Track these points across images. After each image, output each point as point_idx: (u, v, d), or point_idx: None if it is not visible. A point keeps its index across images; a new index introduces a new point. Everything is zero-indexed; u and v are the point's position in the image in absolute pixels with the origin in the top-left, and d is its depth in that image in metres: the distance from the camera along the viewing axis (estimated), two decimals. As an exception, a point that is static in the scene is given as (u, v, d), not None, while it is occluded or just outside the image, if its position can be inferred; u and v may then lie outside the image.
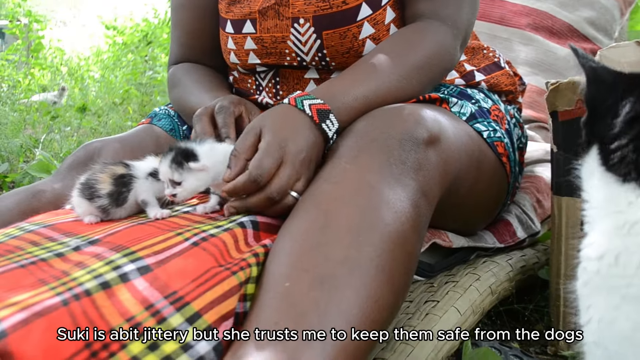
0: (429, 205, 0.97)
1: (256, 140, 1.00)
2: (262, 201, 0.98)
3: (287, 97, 1.06)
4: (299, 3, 1.21)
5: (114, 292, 0.80)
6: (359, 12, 1.20)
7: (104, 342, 0.74)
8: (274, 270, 0.85)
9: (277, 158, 0.97)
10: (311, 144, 1.01)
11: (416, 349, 1.00)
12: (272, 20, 1.25)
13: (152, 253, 0.87)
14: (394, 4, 1.23)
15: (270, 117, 1.03)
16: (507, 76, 1.38)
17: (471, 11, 1.23)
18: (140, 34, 6.35)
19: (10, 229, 1.03)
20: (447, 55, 1.18)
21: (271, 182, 0.97)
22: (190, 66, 1.45)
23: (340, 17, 1.20)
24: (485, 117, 1.23)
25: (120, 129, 3.65)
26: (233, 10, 1.30)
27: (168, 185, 1.01)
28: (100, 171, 1.07)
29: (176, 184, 1.01)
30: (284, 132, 0.99)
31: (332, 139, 1.04)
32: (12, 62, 5.37)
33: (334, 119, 1.04)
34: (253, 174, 0.95)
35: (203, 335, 0.78)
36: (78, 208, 1.07)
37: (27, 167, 2.19)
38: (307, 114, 1.02)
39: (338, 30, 1.20)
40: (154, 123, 1.43)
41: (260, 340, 0.76)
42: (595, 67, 0.72)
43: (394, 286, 0.86)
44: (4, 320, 0.72)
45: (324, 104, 1.04)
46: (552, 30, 1.98)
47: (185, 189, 1.01)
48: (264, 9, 1.25)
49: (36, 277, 0.84)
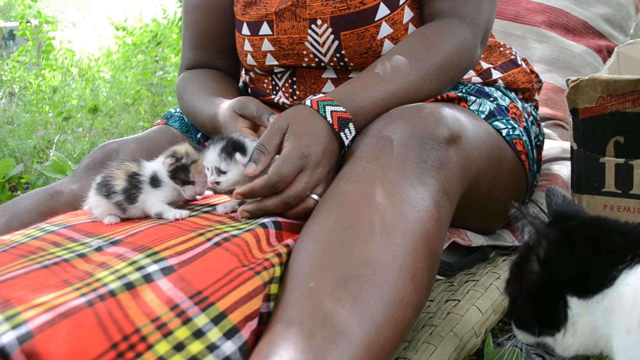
0: (450, 204, 0.96)
1: (281, 140, 1.01)
2: (278, 204, 0.98)
3: (309, 99, 1.06)
4: (316, 4, 1.21)
5: (139, 293, 0.80)
6: (377, 12, 1.19)
7: (130, 343, 0.74)
8: (298, 270, 0.85)
9: (298, 166, 0.98)
10: (329, 152, 1.01)
11: (438, 348, 0.99)
12: (289, 22, 1.24)
13: (175, 253, 0.87)
14: (411, 3, 1.22)
15: (294, 120, 1.03)
16: (524, 74, 1.37)
17: (490, 8, 1.22)
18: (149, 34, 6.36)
19: (30, 229, 1.04)
20: (466, 54, 1.18)
21: (288, 187, 0.97)
22: (198, 72, 1.43)
23: (358, 17, 1.19)
24: (504, 115, 1.22)
25: (132, 129, 3.66)
26: (249, 12, 1.29)
27: (212, 172, 1.02)
28: (116, 167, 1.08)
29: (221, 173, 1.02)
30: (305, 138, 0.99)
31: (347, 146, 1.04)
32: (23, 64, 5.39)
33: (353, 127, 1.04)
34: (273, 179, 0.96)
35: (228, 335, 0.78)
36: (96, 208, 1.07)
37: (42, 168, 2.19)
38: (327, 120, 1.02)
39: (356, 30, 1.20)
40: (169, 124, 1.43)
41: (286, 339, 0.76)
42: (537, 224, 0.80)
43: (417, 285, 0.85)
44: (30, 321, 0.73)
45: (345, 112, 1.04)
46: (568, 27, 1.96)
47: (228, 179, 1.02)
48: (280, 11, 1.25)
49: (60, 278, 0.84)
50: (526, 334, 0.83)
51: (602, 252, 0.76)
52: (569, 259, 0.77)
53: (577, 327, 0.76)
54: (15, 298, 0.78)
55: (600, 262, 0.75)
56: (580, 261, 0.76)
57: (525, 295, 0.82)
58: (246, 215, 1.00)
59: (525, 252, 0.82)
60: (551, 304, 0.77)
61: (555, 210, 0.87)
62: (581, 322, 0.76)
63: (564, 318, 0.76)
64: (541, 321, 0.80)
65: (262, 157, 1.00)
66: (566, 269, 0.76)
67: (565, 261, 0.77)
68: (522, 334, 0.83)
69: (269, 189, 0.97)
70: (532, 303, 0.80)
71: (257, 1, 1.29)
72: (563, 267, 0.77)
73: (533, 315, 0.81)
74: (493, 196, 1.18)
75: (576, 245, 0.77)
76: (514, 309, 0.85)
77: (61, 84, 5.03)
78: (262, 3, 1.28)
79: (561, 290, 0.76)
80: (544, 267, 0.79)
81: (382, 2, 1.19)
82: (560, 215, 0.85)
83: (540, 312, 0.79)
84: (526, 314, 0.82)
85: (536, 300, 0.80)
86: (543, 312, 0.79)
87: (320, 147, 1.00)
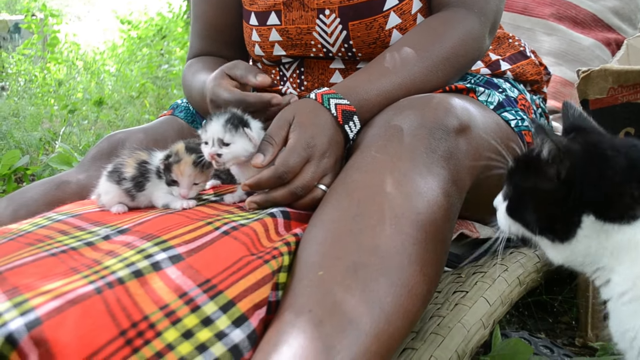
0: (459, 194, 0.96)
1: (287, 131, 1.01)
2: (286, 196, 0.98)
3: (313, 92, 1.06)
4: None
5: (147, 281, 0.80)
6: (385, 2, 1.18)
7: (139, 330, 0.74)
8: (307, 258, 0.84)
9: (304, 156, 0.98)
10: (335, 143, 1.01)
11: (446, 339, 0.99)
12: (297, 12, 1.24)
13: (183, 242, 0.87)
14: None
15: (300, 112, 1.03)
16: (533, 65, 1.36)
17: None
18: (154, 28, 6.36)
19: (38, 218, 1.04)
20: (474, 44, 1.17)
21: (295, 178, 0.97)
22: (201, 58, 1.43)
23: (366, 7, 1.18)
24: (513, 106, 1.21)
25: (138, 122, 3.66)
26: (257, 2, 1.29)
27: (213, 144, 1.00)
28: (128, 155, 1.08)
29: (224, 145, 1.00)
30: (311, 129, 0.99)
31: (353, 140, 1.04)
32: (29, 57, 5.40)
33: (357, 120, 1.04)
34: (279, 170, 0.96)
35: (237, 323, 0.77)
36: (106, 194, 1.06)
37: (48, 160, 2.19)
38: (332, 113, 1.02)
39: (364, 20, 1.19)
40: (175, 114, 1.43)
41: (295, 328, 0.75)
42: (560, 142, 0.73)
43: (426, 275, 0.85)
44: (38, 308, 0.72)
45: (349, 105, 1.04)
46: (576, 20, 1.95)
47: (231, 151, 1.00)
48: (288, 1, 1.24)
49: (68, 266, 0.84)
50: (520, 227, 0.79)
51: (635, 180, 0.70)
52: (596, 181, 0.71)
53: (579, 245, 0.74)
54: (23, 285, 0.77)
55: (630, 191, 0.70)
56: (608, 185, 0.71)
57: (535, 200, 0.77)
58: (254, 206, 0.99)
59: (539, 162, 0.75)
60: (563, 218, 0.74)
61: (573, 124, 0.81)
62: (586, 243, 0.73)
63: (572, 235, 0.73)
64: (546, 228, 0.76)
65: (269, 148, 0.99)
66: (590, 190, 0.71)
67: (591, 182, 0.71)
68: (515, 225, 0.80)
69: (276, 179, 0.97)
70: (540, 210, 0.76)
71: None
72: (587, 188, 0.72)
73: (538, 219, 0.77)
74: (501, 187, 1.18)
75: (607, 169, 0.71)
76: (516, 201, 0.80)
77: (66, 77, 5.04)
78: None
79: (578, 208, 0.72)
80: (563, 185, 0.73)
81: None
82: (582, 132, 0.79)
83: (548, 220, 0.76)
84: (530, 215, 0.77)
85: (546, 209, 0.76)
86: (551, 221, 0.75)
87: (325, 138, 1.00)
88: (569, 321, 1.38)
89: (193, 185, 1.04)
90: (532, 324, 1.37)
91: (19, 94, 4.40)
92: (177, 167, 1.03)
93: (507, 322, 1.36)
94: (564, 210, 0.73)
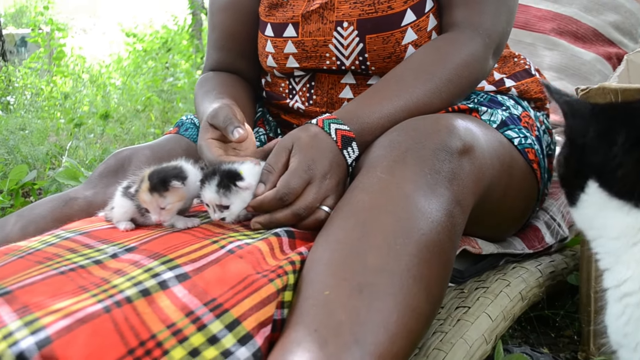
0: (463, 214, 0.97)
1: (288, 158, 1.02)
2: (289, 217, 0.99)
3: (315, 119, 1.07)
4: (344, 7, 1.22)
5: (154, 299, 0.81)
6: (404, 18, 1.20)
7: (146, 348, 0.76)
8: (312, 278, 0.86)
9: (305, 179, 0.99)
10: (336, 165, 1.03)
11: (449, 355, 1.00)
12: (315, 24, 1.26)
13: (189, 261, 0.88)
14: (435, 11, 1.24)
15: (299, 138, 1.04)
16: (537, 83, 1.38)
17: (507, 21, 1.22)
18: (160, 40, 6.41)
19: (46, 236, 1.05)
20: (477, 65, 1.18)
21: (298, 200, 0.99)
22: (214, 75, 1.44)
23: (385, 21, 1.21)
24: (516, 124, 1.23)
25: (143, 135, 3.69)
26: (275, 13, 1.30)
27: (215, 210, 1.01)
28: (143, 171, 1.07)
29: (224, 208, 1.01)
30: (311, 153, 1.01)
31: (352, 166, 1.06)
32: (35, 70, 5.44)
33: (356, 146, 1.06)
34: (280, 192, 0.98)
35: (243, 341, 0.79)
36: (119, 209, 1.07)
37: (55, 174, 2.21)
38: (332, 137, 1.04)
39: (382, 34, 1.21)
40: (181, 133, 1.44)
41: (300, 347, 0.77)
42: (571, 102, 0.72)
43: (430, 295, 0.86)
44: (48, 327, 0.74)
45: (349, 131, 1.05)
46: (577, 34, 1.97)
47: (232, 212, 1.01)
48: (307, 13, 1.26)
49: (76, 284, 0.85)
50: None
51: None
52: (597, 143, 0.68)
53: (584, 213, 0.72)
54: (33, 304, 0.79)
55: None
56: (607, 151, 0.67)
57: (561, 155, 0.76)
58: (258, 226, 1.01)
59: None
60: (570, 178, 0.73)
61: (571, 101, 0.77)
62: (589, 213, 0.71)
63: (577, 199, 0.72)
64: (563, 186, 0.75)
65: (269, 176, 1.01)
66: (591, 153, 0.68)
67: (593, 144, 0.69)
68: None
69: (277, 201, 0.98)
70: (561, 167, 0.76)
71: (284, 3, 1.30)
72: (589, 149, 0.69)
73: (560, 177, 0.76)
74: (505, 205, 1.19)
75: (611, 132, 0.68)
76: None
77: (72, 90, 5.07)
78: (289, 5, 1.29)
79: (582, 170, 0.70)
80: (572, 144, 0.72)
81: (410, 8, 1.20)
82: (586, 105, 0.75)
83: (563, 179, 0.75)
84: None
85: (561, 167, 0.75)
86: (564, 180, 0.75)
87: (326, 160, 1.01)
88: (572, 335, 1.38)
89: (161, 210, 1.02)
90: (534, 339, 1.38)
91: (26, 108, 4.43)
92: (139, 195, 1.03)
93: (509, 337, 1.37)
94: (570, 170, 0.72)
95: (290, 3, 1.29)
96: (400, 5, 1.20)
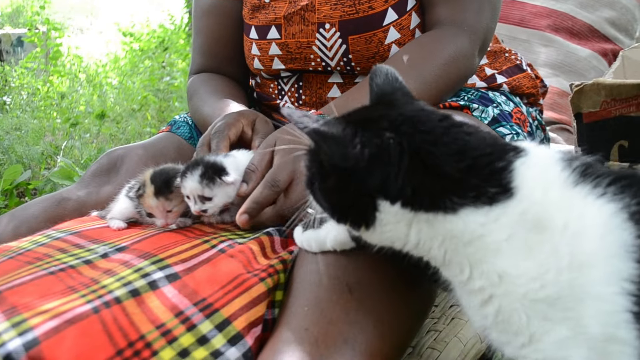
0: None
1: (271, 157, 1.01)
2: (274, 218, 0.98)
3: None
4: (325, 8, 1.21)
5: (144, 300, 0.81)
6: (385, 17, 1.20)
7: (135, 349, 0.75)
8: (303, 277, 0.85)
9: (290, 171, 0.97)
10: None
11: (443, 354, 1.00)
12: (297, 26, 1.25)
13: (180, 261, 0.88)
14: (418, 9, 1.23)
15: (282, 137, 1.03)
16: (529, 79, 1.38)
17: (491, 16, 1.22)
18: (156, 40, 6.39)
19: (37, 236, 1.04)
20: (464, 61, 1.18)
21: (284, 196, 0.97)
22: (208, 76, 1.44)
23: (366, 22, 1.20)
24: (507, 120, 1.22)
25: (139, 135, 3.68)
26: (257, 16, 1.30)
27: (196, 202, 0.98)
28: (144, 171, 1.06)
29: (206, 200, 0.98)
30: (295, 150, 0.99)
31: None
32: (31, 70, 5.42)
33: None
34: (269, 180, 0.95)
35: (233, 341, 0.78)
36: (120, 205, 1.07)
37: (50, 174, 2.21)
38: None
39: (364, 35, 1.20)
40: (173, 131, 1.44)
41: (290, 347, 0.76)
42: (320, 128, 0.64)
43: (422, 293, 0.86)
44: (36, 328, 0.73)
45: None
46: (573, 31, 1.97)
47: (215, 204, 0.99)
48: (289, 15, 1.26)
49: (66, 285, 0.84)
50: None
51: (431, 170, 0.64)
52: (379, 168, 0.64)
53: (386, 229, 0.67)
54: (22, 304, 0.78)
55: (428, 182, 0.63)
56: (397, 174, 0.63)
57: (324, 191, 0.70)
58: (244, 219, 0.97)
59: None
60: (355, 204, 0.67)
61: (377, 94, 0.75)
62: (391, 228, 0.67)
63: (371, 220, 0.66)
64: (346, 217, 0.70)
65: (252, 175, 0.99)
66: (371, 176, 0.64)
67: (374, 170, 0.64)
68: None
69: (268, 189, 0.95)
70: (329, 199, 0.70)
71: (266, 5, 1.30)
72: (367, 173, 0.64)
73: (335, 210, 0.70)
74: None
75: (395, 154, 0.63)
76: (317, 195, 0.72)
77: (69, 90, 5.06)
78: (271, 7, 1.29)
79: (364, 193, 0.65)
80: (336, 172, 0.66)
81: (391, 8, 1.20)
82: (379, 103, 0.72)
83: (342, 208, 0.69)
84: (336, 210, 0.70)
85: (336, 199, 0.69)
86: (346, 209, 0.69)
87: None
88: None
89: (168, 213, 1.01)
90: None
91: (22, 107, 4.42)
92: (143, 200, 1.01)
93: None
94: (351, 195, 0.67)
95: (272, 5, 1.29)
96: (381, 4, 1.19)
